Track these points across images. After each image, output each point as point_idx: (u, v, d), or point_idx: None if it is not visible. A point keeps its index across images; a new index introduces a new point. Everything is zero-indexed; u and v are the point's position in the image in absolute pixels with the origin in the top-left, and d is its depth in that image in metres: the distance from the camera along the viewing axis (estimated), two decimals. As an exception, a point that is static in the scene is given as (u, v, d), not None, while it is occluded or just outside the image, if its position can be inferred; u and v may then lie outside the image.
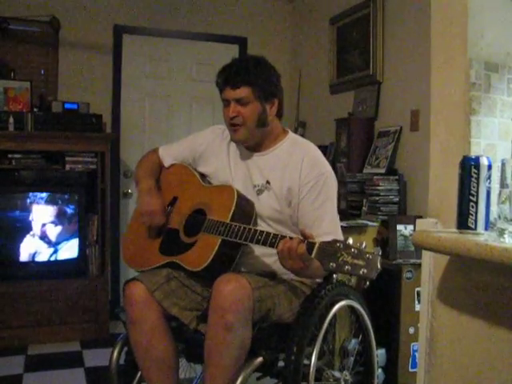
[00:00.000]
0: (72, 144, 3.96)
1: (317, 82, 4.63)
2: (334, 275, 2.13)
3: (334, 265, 1.69)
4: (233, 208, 2.02)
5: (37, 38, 4.28)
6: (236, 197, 2.05)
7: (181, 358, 2.20)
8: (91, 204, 4.07)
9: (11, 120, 3.83)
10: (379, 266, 1.66)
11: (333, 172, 2.16)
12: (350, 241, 1.73)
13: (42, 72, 4.32)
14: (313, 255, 1.76)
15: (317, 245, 1.76)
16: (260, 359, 1.96)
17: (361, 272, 1.66)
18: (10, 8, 4.16)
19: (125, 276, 4.47)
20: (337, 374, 2.32)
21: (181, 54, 4.81)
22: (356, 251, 1.68)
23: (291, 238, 1.84)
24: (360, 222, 3.40)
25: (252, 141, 2.16)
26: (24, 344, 3.79)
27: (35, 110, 4.04)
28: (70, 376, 3.34)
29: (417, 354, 2.92)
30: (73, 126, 3.96)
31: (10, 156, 3.87)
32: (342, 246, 1.71)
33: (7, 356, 3.61)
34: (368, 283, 1.71)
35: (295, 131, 3.02)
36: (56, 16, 4.23)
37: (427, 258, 1.71)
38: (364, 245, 1.71)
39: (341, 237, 2.01)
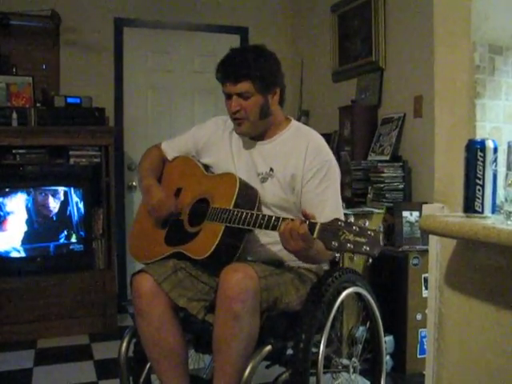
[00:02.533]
0: (75, 138, 3.94)
1: (319, 71, 4.61)
2: (337, 254, 2.13)
3: (337, 244, 1.69)
4: (235, 195, 2.02)
5: (38, 33, 4.27)
6: (238, 184, 2.05)
7: (189, 349, 2.21)
8: (96, 197, 4.06)
9: (14, 115, 3.83)
10: (381, 243, 1.66)
11: (335, 160, 2.15)
12: (352, 219, 1.73)
13: (44, 67, 4.31)
14: (315, 235, 1.76)
15: (318, 224, 1.76)
16: (269, 347, 1.97)
17: (363, 249, 1.65)
18: (11, 3, 4.14)
19: (131, 269, 4.48)
20: (345, 361, 2.32)
21: (182, 46, 4.79)
22: (357, 229, 1.67)
23: (292, 220, 1.84)
24: (365, 209, 3.39)
25: (256, 132, 2.16)
26: (33, 338, 3.80)
27: (38, 104, 4.04)
28: (80, 369, 3.35)
29: (425, 340, 2.94)
30: (76, 120, 3.95)
31: (14, 151, 3.87)
32: (343, 224, 1.70)
33: (17, 350, 3.63)
34: (371, 260, 1.70)
35: (298, 120, 3.01)
36: (56, 10, 4.21)
37: (434, 242, 1.70)
38: (366, 223, 1.71)
39: None
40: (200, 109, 4.78)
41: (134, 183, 4.62)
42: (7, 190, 3.92)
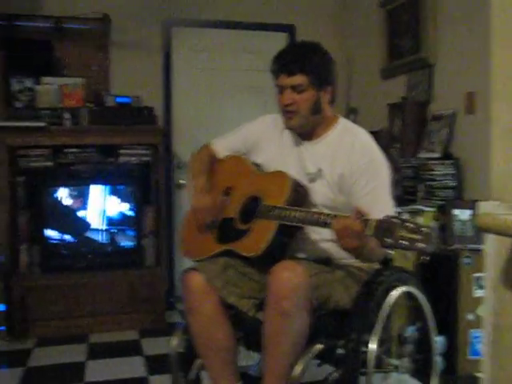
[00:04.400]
0: (125, 137, 4.01)
1: (367, 68, 4.55)
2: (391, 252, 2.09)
3: (391, 240, 1.66)
4: (287, 192, 2.02)
5: (89, 35, 4.35)
6: (290, 182, 2.04)
7: (239, 346, 2.21)
8: (146, 196, 4.12)
9: (67, 116, 3.93)
10: (436, 240, 1.62)
11: (384, 157, 2.11)
12: (406, 216, 1.69)
13: (95, 68, 4.38)
14: (369, 232, 1.73)
15: (373, 221, 1.74)
16: (319, 346, 1.95)
17: (418, 246, 1.62)
18: (64, 7, 4.25)
19: (180, 266, 4.53)
20: (395, 361, 2.29)
21: (229, 45, 4.80)
22: (412, 225, 1.64)
23: (346, 217, 1.81)
24: (416, 207, 3.33)
25: (305, 128, 2.14)
26: (86, 333, 3.89)
27: (89, 105, 4.11)
28: (130, 364, 3.41)
29: (476, 341, 2.87)
30: (126, 120, 4.02)
31: (66, 151, 3.97)
32: (397, 221, 1.67)
33: (71, 344, 3.73)
34: (428, 258, 1.67)
35: (346, 118, 2.97)
36: (106, 13, 4.29)
37: (491, 241, 1.65)
38: (421, 220, 1.68)
39: None
40: (248, 107, 4.75)
41: (182, 181, 4.65)
42: (60, 188, 4.03)
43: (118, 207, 4.11)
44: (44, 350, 3.66)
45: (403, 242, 1.64)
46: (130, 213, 4.10)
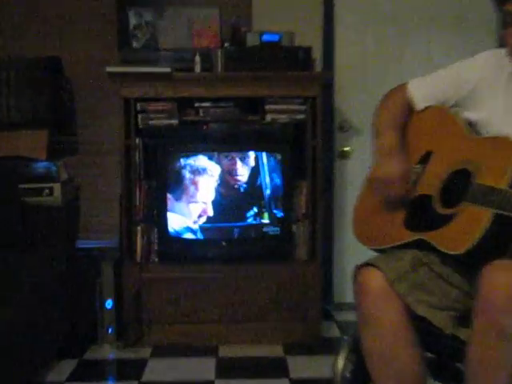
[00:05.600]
0: (273, 88, 4.07)
1: None
2: None
3: None
4: None
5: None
6: None
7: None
8: (299, 167, 4.16)
9: (197, 59, 4.04)
10: None
11: None
12: None
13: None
14: None
15: None
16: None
17: None
18: None
19: (339, 262, 4.58)
20: None
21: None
22: None
23: None
24: None
25: None
26: (214, 343, 4.06)
27: (226, 44, 4.22)
28: (273, 387, 3.51)
29: None
30: (273, 64, 4.06)
31: (196, 105, 4.09)
32: None
33: (195, 356, 3.90)
34: None
35: None
36: None
37: None
38: None
39: None
40: (438, 45, 4.66)
41: (346, 148, 4.67)
42: (187, 154, 4.11)
43: (260, 180, 4.17)
44: (162, 361, 3.87)
45: None
46: (277, 188, 4.16)
